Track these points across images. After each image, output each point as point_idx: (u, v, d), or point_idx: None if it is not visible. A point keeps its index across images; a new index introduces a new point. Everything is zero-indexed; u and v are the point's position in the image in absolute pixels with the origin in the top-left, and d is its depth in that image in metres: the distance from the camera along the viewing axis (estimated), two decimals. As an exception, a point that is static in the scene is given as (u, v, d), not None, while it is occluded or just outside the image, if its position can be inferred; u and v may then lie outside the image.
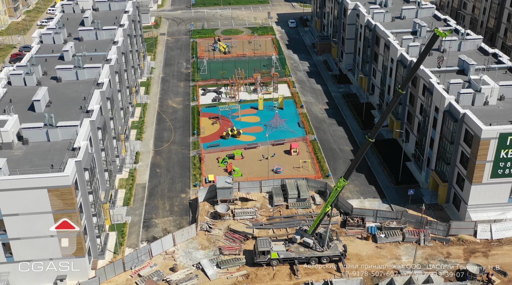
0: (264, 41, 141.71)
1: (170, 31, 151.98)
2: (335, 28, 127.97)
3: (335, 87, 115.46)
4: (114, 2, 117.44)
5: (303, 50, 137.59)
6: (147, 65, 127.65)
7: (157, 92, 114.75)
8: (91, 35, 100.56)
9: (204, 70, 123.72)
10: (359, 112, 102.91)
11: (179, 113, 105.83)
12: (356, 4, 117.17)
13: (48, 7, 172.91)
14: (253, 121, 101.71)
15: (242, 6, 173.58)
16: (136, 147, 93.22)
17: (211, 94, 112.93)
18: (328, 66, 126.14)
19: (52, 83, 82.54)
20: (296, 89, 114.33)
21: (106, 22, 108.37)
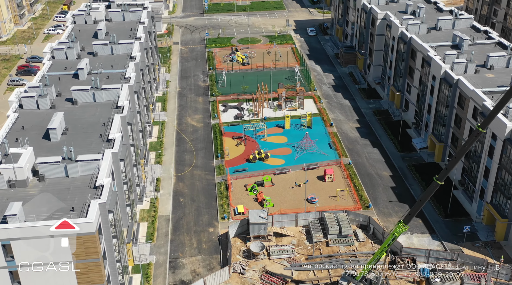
0: (284, 50, 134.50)
1: (183, 40, 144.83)
2: (362, 38, 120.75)
3: (364, 103, 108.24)
4: (128, 12, 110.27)
5: (326, 60, 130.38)
6: (162, 78, 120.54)
7: (174, 109, 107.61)
8: (106, 49, 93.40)
9: (223, 83, 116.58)
10: (394, 132, 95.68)
11: (200, 132, 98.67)
12: (386, 14, 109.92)
13: (55, 14, 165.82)
14: (280, 142, 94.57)
15: (257, 13, 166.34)
16: (156, 173, 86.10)
17: (232, 111, 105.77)
18: (355, 79, 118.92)
19: (67, 106, 75.44)
20: (323, 105, 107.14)
21: (121, 34, 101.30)
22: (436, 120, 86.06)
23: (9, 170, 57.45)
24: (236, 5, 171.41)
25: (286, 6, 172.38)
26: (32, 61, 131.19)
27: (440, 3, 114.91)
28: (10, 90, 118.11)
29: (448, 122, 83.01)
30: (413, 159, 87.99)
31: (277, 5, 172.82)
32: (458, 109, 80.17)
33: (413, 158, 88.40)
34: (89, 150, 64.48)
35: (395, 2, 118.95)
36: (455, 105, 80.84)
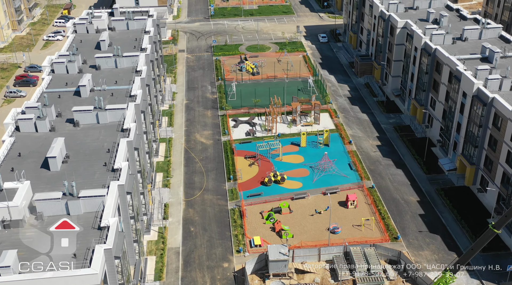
0: (295, 59, 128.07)
1: (189, 47, 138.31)
2: (379, 47, 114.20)
3: (383, 117, 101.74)
4: (133, 21, 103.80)
5: (340, 70, 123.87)
6: (169, 89, 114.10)
7: (182, 124, 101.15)
8: (110, 63, 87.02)
9: (232, 95, 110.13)
10: (418, 150, 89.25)
11: (210, 150, 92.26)
12: (406, 22, 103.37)
13: (55, 19, 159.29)
14: (296, 162, 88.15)
15: (265, 17, 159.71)
16: (164, 197, 79.74)
17: (243, 126, 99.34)
18: (371, 90, 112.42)
19: (68, 128, 69.06)
20: (340, 120, 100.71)
21: (125, 45, 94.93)
22: (467, 140, 79.61)
23: (3, 209, 51.12)
24: (243, 9, 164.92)
25: (295, 10, 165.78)
26: (30, 71, 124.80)
27: (463, 11, 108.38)
28: (8, 102, 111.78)
29: (481, 143, 76.55)
30: (441, 182, 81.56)
31: (286, 9, 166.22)
32: (493, 130, 73.71)
33: (441, 181, 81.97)
34: (93, 181, 58.22)
35: (414, 9, 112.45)
36: (490, 126, 74.40)
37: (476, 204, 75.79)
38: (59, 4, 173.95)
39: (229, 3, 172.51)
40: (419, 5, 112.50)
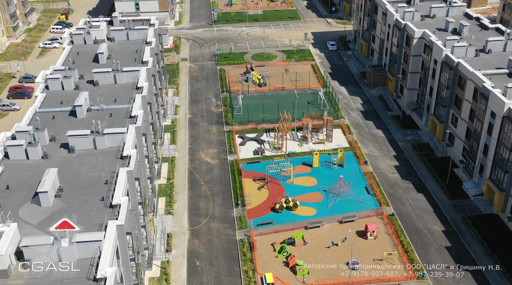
0: (304, 68, 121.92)
1: (192, 56, 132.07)
2: (393, 58, 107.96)
3: (400, 134, 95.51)
4: (133, 31, 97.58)
5: (351, 81, 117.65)
6: (171, 102, 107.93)
7: (185, 141, 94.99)
8: (109, 78, 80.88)
9: (238, 109, 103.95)
10: (440, 172, 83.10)
11: (215, 171, 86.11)
12: (424, 32, 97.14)
13: (52, 25, 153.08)
14: (309, 184, 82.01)
15: (271, 23, 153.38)
16: (167, 226, 73.59)
17: (251, 144, 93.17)
18: (386, 104, 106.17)
19: (62, 155, 62.95)
20: (354, 137, 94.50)
21: (125, 57, 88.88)
22: (496, 164, 73.41)
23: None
24: (247, 14, 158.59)
25: (301, 15, 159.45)
26: (25, 81, 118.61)
27: (483, 19, 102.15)
28: (0, 116, 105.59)
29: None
30: (467, 209, 75.42)
31: (292, 14, 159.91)
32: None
33: (467, 207, 75.83)
34: (88, 219, 52.20)
35: (431, 17, 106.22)
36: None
37: (507, 235, 69.67)
38: (57, 9, 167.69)
39: (233, 7, 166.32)
40: (436, 13, 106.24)
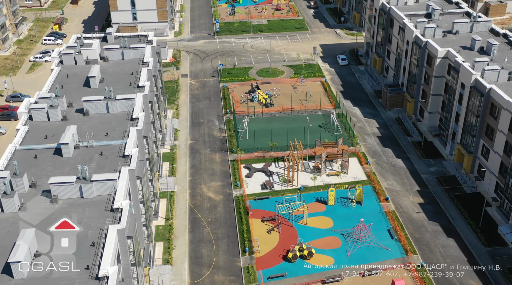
0: (313, 86, 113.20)
1: (193, 71, 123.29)
2: (412, 78, 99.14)
3: (422, 164, 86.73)
4: (129, 50, 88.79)
5: (365, 100, 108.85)
6: (170, 126, 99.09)
7: (185, 172, 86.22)
8: (100, 107, 72.15)
9: (244, 134, 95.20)
10: (472, 212, 74.42)
11: (219, 209, 77.37)
12: (448, 52, 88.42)
13: (44, 36, 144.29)
14: (324, 227, 73.30)
15: (276, 34, 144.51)
16: (165, 280, 64.79)
17: (258, 175, 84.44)
18: (404, 128, 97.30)
19: (43, 205, 54.17)
20: (371, 168, 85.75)
21: (119, 81, 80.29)
22: (539, 209, 64.74)
23: None
24: (251, 24, 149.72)
25: (308, 26, 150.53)
26: (13, 100, 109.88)
27: (511, 36, 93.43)
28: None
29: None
30: (506, 259, 66.68)
31: (299, 24, 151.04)
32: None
33: (506, 257, 67.10)
34: (70, 295, 43.47)
35: (454, 33, 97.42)
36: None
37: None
38: (50, 17, 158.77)
39: (236, 17, 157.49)
40: (459, 29, 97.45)
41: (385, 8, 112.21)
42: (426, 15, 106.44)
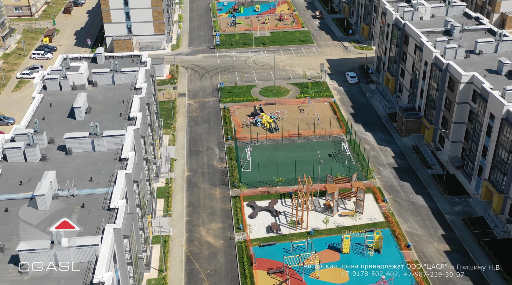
0: (320, 107, 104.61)
1: (191, 90, 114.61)
2: (431, 102, 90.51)
3: (446, 202, 78.06)
4: (120, 74, 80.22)
5: (378, 124, 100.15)
6: (165, 155, 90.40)
7: (182, 211, 77.56)
8: (85, 145, 63.65)
9: (247, 165, 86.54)
10: (506, 263, 65.72)
11: (220, 258, 68.67)
12: (473, 76, 79.86)
13: (33, 49, 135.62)
14: (339, 282, 64.53)
15: (280, 48, 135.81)
16: None
17: (263, 216, 75.80)
18: (423, 158, 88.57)
19: (9, 278, 45.52)
20: (389, 207, 77.08)
21: (108, 110, 72.10)
22: None
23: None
24: (253, 37, 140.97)
25: (314, 38, 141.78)
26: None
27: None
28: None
29: None
30: (549, 326, 58.12)
31: (304, 37, 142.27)
32: None
33: (549, 322, 58.53)
34: None
35: (477, 53, 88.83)
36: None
37: None
38: (40, 28, 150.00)
39: (237, 28, 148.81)
40: (483, 48, 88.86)
41: (399, 23, 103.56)
42: (444, 32, 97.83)
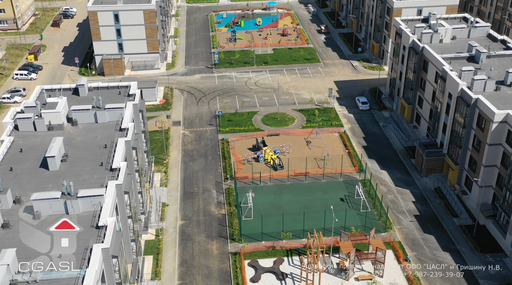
0: (329, 139, 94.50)
1: (187, 117, 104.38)
2: (457, 140, 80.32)
3: (478, 261, 67.79)
4: (103, 111, 70.04)
5: (394, 160, 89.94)
6: (156, 200, 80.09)
7: (173, 272, 67.24)
8: (57, 207, 53.36)
9: (248, 212, 76.32)
10: None
11: (218, 336, 58.46)
12: (508, 115, 69.71)
13: (16, 68, 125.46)
14: None
15: (284, 67, 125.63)
16: None
17: (267, 278, 65.57)
18: (447, 203, 78.33)
19: None
20: (413, 266, 66.81)
21: (88, 157, 62.34)
22: None
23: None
24: (255, 54, 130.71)
25: (320, 56, 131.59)
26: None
27: None
28: None
29: None
30: None
31: (309, 55, 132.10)
32: None
33: None
34: None
35: (508, 86, 78.73)
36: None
37: None
38: (25, 44, 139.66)
39: (237, 44, 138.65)
40: (514, 80, 78.80)
41: (416, 47, 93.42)
42: (469, 58, 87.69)
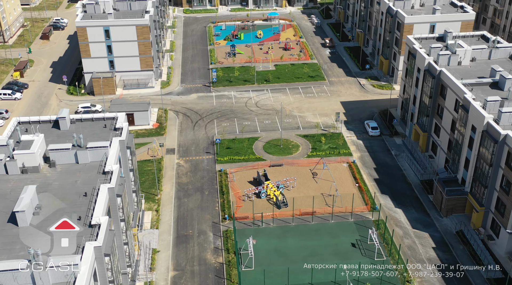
0: (338, 171, 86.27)
1: (182, 144, 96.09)
2: (482, 178, 72.01)
3: (510, 325, 59.68)
4: (85, 151, 61.75)
5: (409, 196, 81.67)
6: (146, 244, 71.78)
7: None
8: (22, 279, 45.05)
9: (249, 262, 67.93)
10: None
11: None
12: (545, 157, 61.46)
13: (0, 87, 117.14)
14: None
15: (286, 86, 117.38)
16: None
17: None
18: (471, 250, 70.00)
19: None
20: (437, 331, 58.57)
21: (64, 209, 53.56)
22: None
23: None
24: (255, 71, 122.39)
25: (325, 73, 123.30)
26: None
27: None
28: None
29: None
30: None
31: (313, 71, 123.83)
32: None
33: None
34: None
35: (539, 119, 70.46)
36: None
37: None
38: (11, 59, 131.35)
39: (237, 59, 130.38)
40: (546, 112, 70.45)
41: (433, 70, 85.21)
42: (492, 84, 79.52)
